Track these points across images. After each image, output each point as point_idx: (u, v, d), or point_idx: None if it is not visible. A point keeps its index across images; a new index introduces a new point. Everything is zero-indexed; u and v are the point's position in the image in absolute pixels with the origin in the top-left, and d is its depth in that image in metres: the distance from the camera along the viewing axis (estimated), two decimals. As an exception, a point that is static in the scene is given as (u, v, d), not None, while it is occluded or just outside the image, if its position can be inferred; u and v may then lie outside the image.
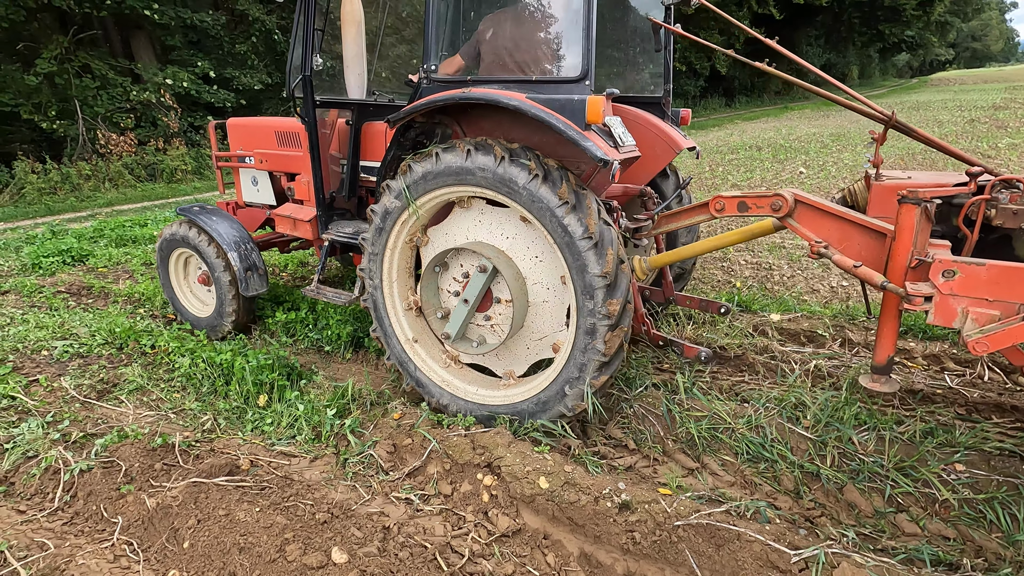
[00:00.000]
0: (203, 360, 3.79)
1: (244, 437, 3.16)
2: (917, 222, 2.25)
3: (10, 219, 10.36)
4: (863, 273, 2.35)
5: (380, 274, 3.26)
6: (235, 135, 4.75)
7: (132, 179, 13.36)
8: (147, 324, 4.66)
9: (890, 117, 2.59)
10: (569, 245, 2.62)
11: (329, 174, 3.93)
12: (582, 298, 2.66)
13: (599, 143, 2.60)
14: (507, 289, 2.88)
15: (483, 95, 2.73)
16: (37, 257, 6.38)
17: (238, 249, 4.07)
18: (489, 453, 2.63)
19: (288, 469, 2.82)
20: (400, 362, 3.30)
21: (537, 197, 2.63)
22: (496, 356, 3.23)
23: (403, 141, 3.27)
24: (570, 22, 3.06)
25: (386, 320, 3.31)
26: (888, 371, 2.51)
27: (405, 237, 3.20)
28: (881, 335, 2.50)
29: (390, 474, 2.75)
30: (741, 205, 2.81)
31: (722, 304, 3.70)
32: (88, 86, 13.98)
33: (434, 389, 3.20)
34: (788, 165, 11.14)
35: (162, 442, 3.00)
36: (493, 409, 3.04)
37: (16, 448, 3.04)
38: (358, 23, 3.71)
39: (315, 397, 3.35)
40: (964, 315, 2.10)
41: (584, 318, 2.67)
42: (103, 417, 3.41)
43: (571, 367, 2.78)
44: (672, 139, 3.74)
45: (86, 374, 3.95)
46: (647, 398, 3.19)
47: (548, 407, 2.88)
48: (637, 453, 2.90)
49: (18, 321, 4.90)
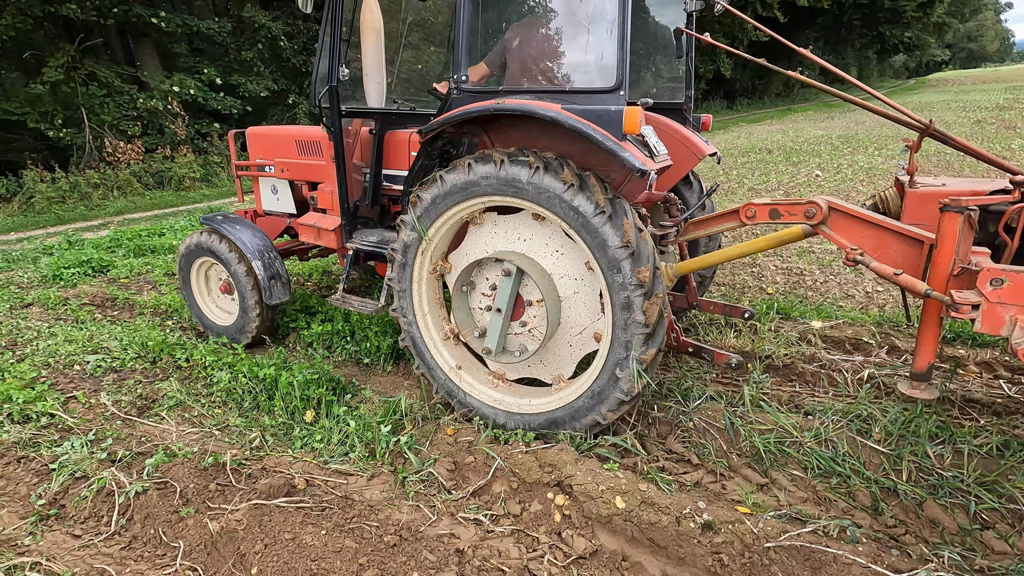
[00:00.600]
0: (244, 375, 3.72)
1: (294, 454, 3.08)
2: (960, 230, 2.25)
3: (21, 228, 10.29)
4: (904, 281, 2.35)
5: (412, 309, 3.26)
6: (254, 144, 4.74)
7: (140, 187, 13.30)
8: (178, 337, 4.59)
9: (927, 125, 2.58)
10: (584, 225, 2.62)
11: (353, 183, 3.93)
12: (610, 274, 2.63)
13: (636, 154, 2.60)
14: (536, 288, 2.88)
15: (518, 106, 2.71)
16: (58, 268, 6.30)
17: (262, 258, 4.06)
18: (558, 471, 2.56)
19: (346, 488, 2.75)
20: (448, 392, 3.26)
21: (542, 188, 2.66)
22: (542, 363, 3.18)
23: (431, 151, 3.26)
24: (603, 31, 3.01)
25: (427, 354, 3.30)
26: (928, 378, 2.52)
27: (428, 268, 3.22)
28: (921, 342, 2.51)
29: (453, 493, 2.68)
30: (773, 212, 2.80)
31: (745, 309, 3.67)
32: (95, 94, 13.92)
33: (487, 411, 3.13)
34: (802, 168, 11.12)
35: (213, 461, 2.93)
36: (551, 415, 2.97)
37: (63, 469, 2.96)
38: (377, 31, 3.70)
39: (364, 412, 3.28)
40: (1013, 323, 2.10)
41: (617, 294, 2.64)
42: (146, 435, 3.34)
43: (617, 348, 2.71)
44: (696, 145, 3.74)
45: (122, 389, 3.88)
46: (706, 411, 3.13)
47: (604, 396, 2.79)
48: (701, 468, 2.83)
49: (45, 335, 4.82)
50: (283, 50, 17.15)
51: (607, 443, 2.94)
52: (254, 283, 4.10)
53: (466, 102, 2.98)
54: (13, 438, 3.24)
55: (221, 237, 4.17)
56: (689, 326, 4.46)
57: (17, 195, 12.01)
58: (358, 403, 3.49)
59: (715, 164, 12.05)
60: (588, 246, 2.65)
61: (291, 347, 4.43)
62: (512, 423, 3.06)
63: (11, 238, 9.43)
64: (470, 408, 3.19)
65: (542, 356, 3.12)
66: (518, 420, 3.05)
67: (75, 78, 13.79)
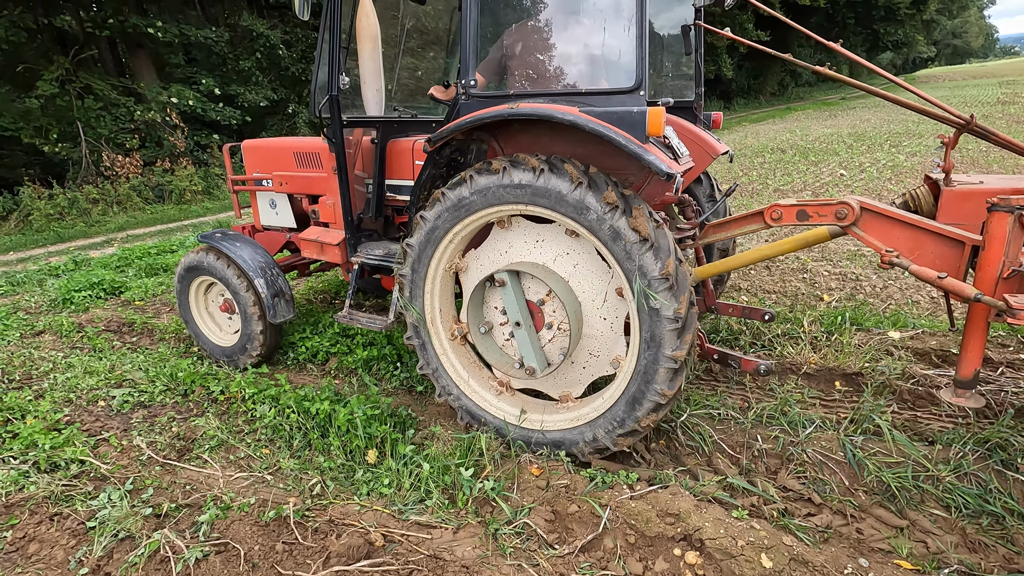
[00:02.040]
0: (292, 409, 3.39)
1: (361, 502, 2.75)
2: (1010, 230, 2.16)
3: (19, 248, 9.87)
4: (950, 284, 2.24)
5: (439, 365, 3.19)
6: (251, 157, 4.56)
7: (141, 201, 12.89)
8: (208, 366, 4.24)
9: (968, 121, 2.46)
10: (580, 212, 2.50)
11: (355, 195, 3.78)
12: (626, 266, 2.47)
13: (662, 156, 2.49)
14: (542, 285, 2.78)
15: (536, 111, 2.56)
16: (68, 291, 5.93)
17: (264, 275, 3.91)
18: (682, 522, 2.25)
19: (431, 544, 2.42)
20: (473, 415, 3.12)
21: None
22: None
23: (438, 160, 3.11)
24: (620, 29, 2.88)
25: (451, 384, 3.18)
26: (974, 385, 2.43)
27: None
28: (967, 347, 2.41)
29: (556, 548, 2.36)
30: (801, 214, 2.68)
31: (765, 311, 3.52)
32: (90, 107, 13.51)
33: (497, 423, 3.02)
34: (823, 167, 10.90)
35: (275, 515, 2.60)
36: (581, 430, 2.80)
37: (104, 528, 2.62)
38: (374, 38, 3.60)
39: (435, 452, 2.95)
40: None
41: (634, 279, 2.48)
42: (190, 482, 3.00)
43: (643, 333, 2.53)
44: (709, 144, 3.61)
45: (155, 428, 3.53)
46: (818, 440, 2.83)
47: (638, 400, 2.58)
48: (825, 508, 2.53)
49: (62, 366, 4.46)
50: (281, 59, 16.80)
51: (712, 481, 2.64)
52: (257, 301, 3.94)
53: (475, 108, 2.82)
54: (43, 491, 2.89)
55: (221, 255, 4.00)
56: (753, 339, 4.17)
57: (13, 213, 11.57)
58: (423, 439, 3.16)
59: (728, 163, 11.83)
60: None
61: (332, 374, 4.10)
62: (527, 436, 2.93)
63: (10, 258, 9.02)
64: (480, 420, 3.08)
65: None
66: (537, 436, 2.91)
67: (70, 91, 13.38)
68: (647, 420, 2.59)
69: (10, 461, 3.16)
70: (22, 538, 2.66)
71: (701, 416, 3.11)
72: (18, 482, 2.97)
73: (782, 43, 30.58)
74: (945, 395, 2.49)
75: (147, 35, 13.99)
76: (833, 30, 35.83)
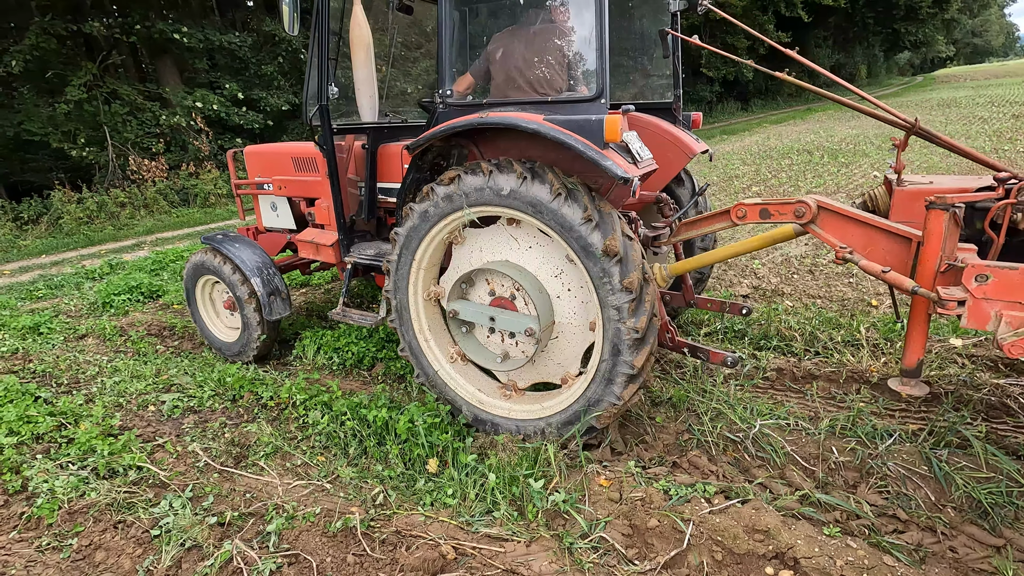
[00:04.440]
0: (347, 416, 3.35)
1: (425, 513, 2.70)
2: (946, 227, 2.28)
3: (51, 251, 9.98)
4: (892, 278, 2.38)
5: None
6: (252, 162, 4.76)
7: (167, 205, 13.01)
8: (254, 370, 4.22)
9: (913, 124, 2.55)
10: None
11: (348, 198, 3.95)
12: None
13: (618, 161, 2.61)
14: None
15: (501, 119, 2.74)
16: (107, 295, 5.97)
17: (261, 274, 4.12)
18: (772, 539, 2.17)
19: (505, 559, 2.36)
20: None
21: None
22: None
23: (421, 164, 3.28)
24: (583, 40, 3.11)
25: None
26: (918, 374, 2.59)
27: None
28: (910, 339, 2.56)
29: (637, 564, 2.28)
30: (763, 212, 2.82)
31: (743, 305, 3.61)
32: (117, 112, 13.68)
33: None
34: (854, 169, 10.72)
35: (342, 526, 2.56)
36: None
37: (170, 537, 2.59)
38: (367, 46, 3.71)
39: (497, 461, 2.89)
40: (998, 319, 2.13)
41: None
42: (249, 490, 2.96)
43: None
44: (685, 144, 3.71)
45: (207, 433, 3.51)
46: (899, 453, 2.72)
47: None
48: (912, 525, 2.43)
49: (108, 370, 4.47)
50: (303, 63, 16.90)
51: (791, 495, 2.55)
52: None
53: (452, 116, 3.01)
54: (104, 498, 2.87)
55: (222, 256, 4.20)
56: (807, 345, 4.06)
57: (44, 216, 11.73)
58: (482, 447, 3.11)
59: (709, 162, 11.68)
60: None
61: (376, 379, 4.06)
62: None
63: (43, 261, 9.13)
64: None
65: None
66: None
67: (97, 96, 13.56)
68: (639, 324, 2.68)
69: (68, 467, 3.15)
70: (88, 546, 2.64)
71: (770, 427, 3.02)
72: (79, 488, 2.95)
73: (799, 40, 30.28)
74: (893, 384, 2.62)
75: (172, 41, 14.15)
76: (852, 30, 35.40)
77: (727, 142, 17.62)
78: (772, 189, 9.63)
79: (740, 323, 4.45)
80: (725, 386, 3.53)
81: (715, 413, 3.22)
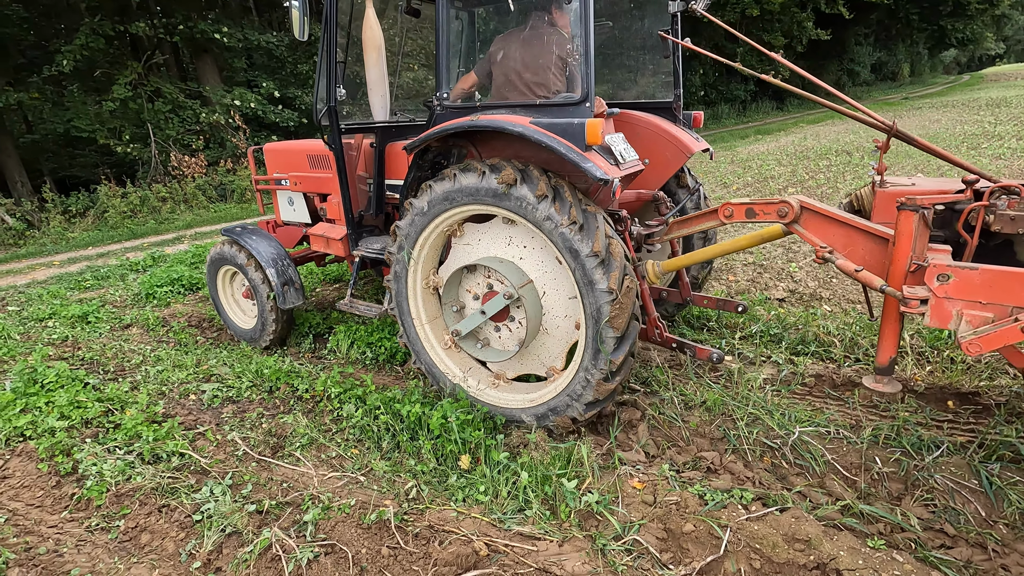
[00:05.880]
0: (380, 410, 3.39)
1: (457, 508, 2.72)
2: (915, 228, 2.34)
3: (97, 243, 10.39)
4: (863, 277, 2.46)
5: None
6: (271, 159, 4.94)
7: (205, 200, 13.39)
8: (289, 363, 4.31)
9: (891, 127, 2.58)
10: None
11: (357, 194, 4.14)
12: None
13: (599, 163, 2.71)
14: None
15: (490, 123, 2.87)
16: (150, 287, 6.18)
17: (275, 265, 4.31)
18: (814, 549, 2.11)
19: (537, 558, 2.36)
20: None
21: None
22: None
23: (422, 163, 3.43)
24: (571, 45, 3.27)
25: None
26: (890, 372, 2.65)
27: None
28: (883, 337, 2.61)
29: (672, 569, 2.26)
30: (749, 211, 2.89)
31: (738, 303, 3.68)
32: (160, 110, 14.14)
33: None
34: (897, 171, 10.35)
35: (376, 518, 2.59)
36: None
37: (211, 523, 2.67)
38: (379, 47, 3.83)
39: (529, 460, 2.89)
40: (959, 317, 2.19)
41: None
42: (286, 479, 3.03)
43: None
44: (683, 143, 3.77)
45: (245, 423, 3.61)
46: (947, 466, 2.63)
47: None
48: (961, 541, 2.34)
49: (151, 359, 4.63)
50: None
51: (832, 504, 2.48)
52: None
53: (448, 118, 3.15)
54: (149, 482, 2.97)
55: (239, 247, 4.42)
56: (847, 351, 3.94)
57: (91, 210, 12.20)
58: (514, 445, 3.11)
59: (777, 165, 11.39)
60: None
61: (409, 374, 4.10)
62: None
63: (90, 252, 9.50)
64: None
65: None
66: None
67: (141, 94, 14.04)
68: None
69: (116, 451, 3.28)
70: (134, 528, 2.74)
71: (810, 434, 2.95)
72: (125, 472, 3.07)
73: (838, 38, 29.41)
74: (867, 382, 2.68)
75: (213, 40, 14.55)
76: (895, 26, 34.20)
77: (762, 142, 17.23)
78: (810, 191, 9.38)
79: (776, 327, 4.35)
80: (761, 391, 3.46)
81: (751, 418, 3.16)
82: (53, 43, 13.85)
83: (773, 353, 4.01)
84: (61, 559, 2.54)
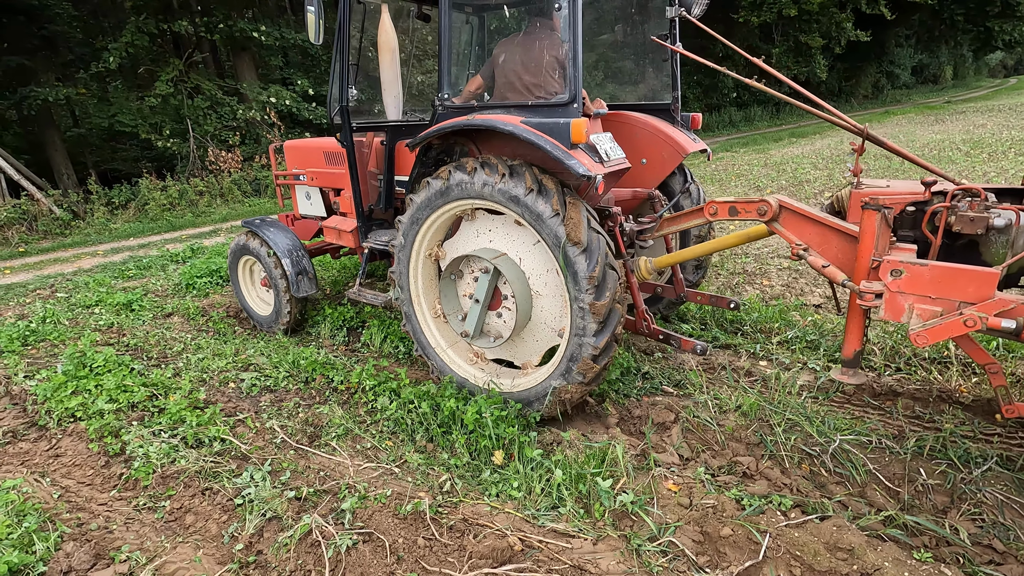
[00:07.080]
0: (414, 404, 3.44)
1: (490, 503, 2.74)
2: (878, 226, 2.43)
3: (138, 234, 10.73)
4: (829, 272, 2.60)
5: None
6: (290, 156, 5.18)
7: (240, 195, 13.72)
8: (325, 355, 4.40)
9: (862, 131, 2.66)
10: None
11: (368, 189, 4.34)
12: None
13: (583, 160, 2.85)
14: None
15: (483, 122, 3.06)
16: (190, 278, 6.36)
17: (291, 256, 4.55)
18: (857, 559, 2.08)
19: (571, 555, 2.37)
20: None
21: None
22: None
23: (426, 160, 3.62)
24: (559, 50, 3.44)
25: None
26: (856, 364, 2.72)
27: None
28: (848, 330, 2.71)
29: (708, 572, 2.24)
30: (732, 210, 2.99)
31: (731, 300, 3.78)
32: (199, 106, 14.54)
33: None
34: (901, 173, 10.04)
35: (412, 509, 2.63)
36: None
37: (252, 507, 2.75)
38: (392, 49, 4.01)
39: (564, 458, 2.90)
40: (910, 311, 2.29)
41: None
42: (323, 468, 3.10)
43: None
44: (678, 144, 3.88)
45: (283, 412, 3.69)
46: (998, 481, 2.55)
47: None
48: (1011, 558, 2.27)
49: (192, 347, 4.77)
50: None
51: (874, 515, 2.43)
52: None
53: (450, 117, 3.32)
54: (193, 465, 3.07)
55: (258, 238, 4.67)
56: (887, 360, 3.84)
57: (132, 202, 12.62)
58: (548, 443, 3.12)
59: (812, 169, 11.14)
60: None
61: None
62: None
63: (131, 243, 9.83)
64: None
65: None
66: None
67: (182, 91, 14.47)
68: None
69: (161, 435, 3.39)
70: (179, 508, 2.84)
71: (850, 443, 2.89)
72: (170, 455, 3.17)
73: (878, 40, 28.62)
74: (834, 374, 2.76)
75: (251, 39, 14.89)
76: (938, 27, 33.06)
77: (796, 145, 16.87)
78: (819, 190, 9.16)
79: (812, 333, 4.28)
80: (799, 397, 3.40)
81: (789, 424, 3.11)
82: (99, 40, 14.37)
83: (810, 360, 3.94)
84: (111, 535, 2.64)
